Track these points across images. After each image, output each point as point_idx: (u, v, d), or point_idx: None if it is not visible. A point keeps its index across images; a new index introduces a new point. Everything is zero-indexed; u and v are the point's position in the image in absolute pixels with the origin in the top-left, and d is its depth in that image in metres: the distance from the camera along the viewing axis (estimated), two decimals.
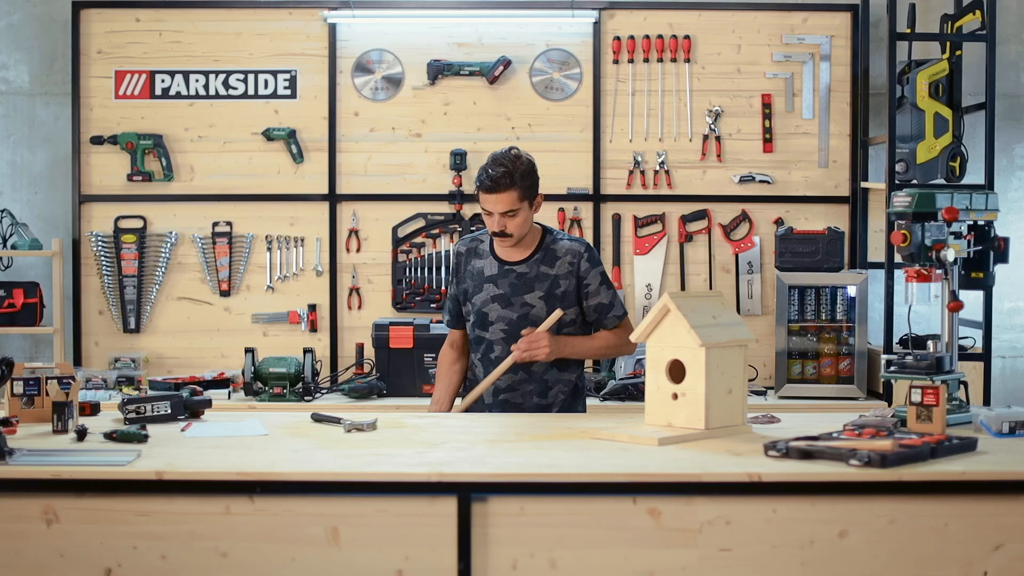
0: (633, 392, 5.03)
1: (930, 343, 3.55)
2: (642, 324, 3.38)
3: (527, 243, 3.93)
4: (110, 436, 3.24)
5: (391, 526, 2.81)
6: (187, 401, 3.62)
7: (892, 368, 3.57)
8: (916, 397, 3.31)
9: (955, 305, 3.56)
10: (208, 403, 3.68)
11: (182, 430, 3.41)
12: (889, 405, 4.95)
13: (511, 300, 3.91)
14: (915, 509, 2.84)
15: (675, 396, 3.30)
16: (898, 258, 4.65)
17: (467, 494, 2.81)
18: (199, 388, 3.80)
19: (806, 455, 2.96)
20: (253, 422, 3.54)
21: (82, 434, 3.25)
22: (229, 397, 5.08)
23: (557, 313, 3.84)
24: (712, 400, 3.26)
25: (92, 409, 3.68)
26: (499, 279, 3.93)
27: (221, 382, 5.12)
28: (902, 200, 3.54)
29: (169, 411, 3.57)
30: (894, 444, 2.96)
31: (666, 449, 3.12)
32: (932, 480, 2.87)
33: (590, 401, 4.95)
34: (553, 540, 2.81)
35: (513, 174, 3.76)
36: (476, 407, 3.95)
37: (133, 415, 3.53)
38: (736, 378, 3.35)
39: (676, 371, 3.32)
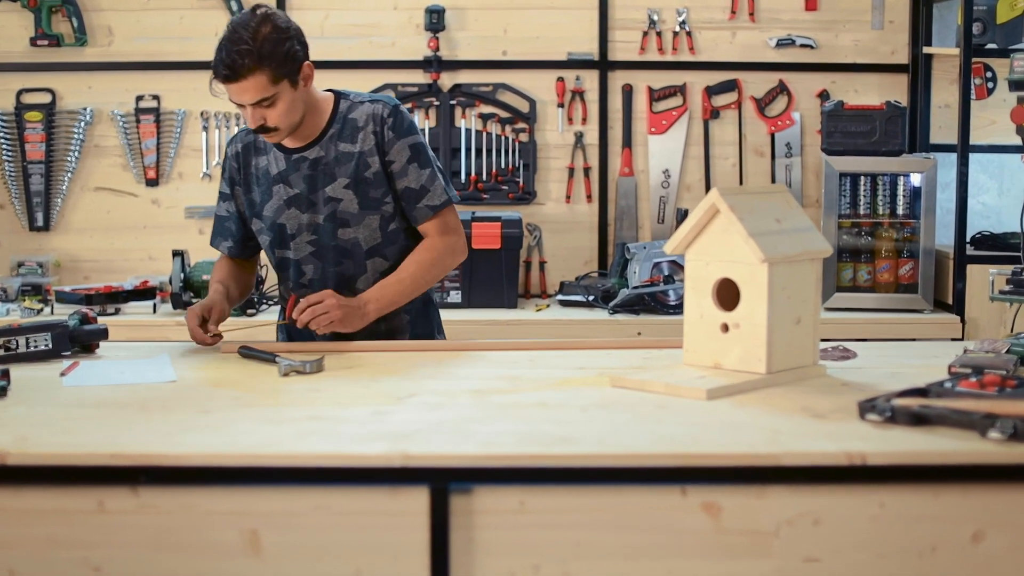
0: (650, 303, 4.49)
1: None
2: (680, 231, 2.73)
3: (313, 121, 3.06)
4: None
5: (336, 528, 2.15)
6: (75, 331, 2.94)
7: (1007, 288, 2.97)
8: None
9: None
10: (103, 333, 3.00)
11: (61, 374, 2.72)
12: (962, 320, 4.42)
13: (311, 199, 3.05)
14: None
15: (725, 327, 2.69)
16: (988, 139, 4.09)
17: (444, 484, 2.13)
18: (92, 313, 3.04)
19: (919, 420, 2.26)
20: (161, 360, 2.88)
21: None
22: (155, 311, 4.43)
23: None
24: (776, 334, 2.64)
25: None
26: (290, 175, 3.06)
27: (145, 292, 4.46)
28: None
29: (50, 345, 2.89)
30: None
31: (718, 406, 2.45)
32: None
33: (597, 315, 4.35)
34: (567, 547, 2.17)
35: (256, 52, 2.88)
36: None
37: (1, 352, 2.83)
38: (807, 303, 2.72)
39: (726, 294, 2.70)
